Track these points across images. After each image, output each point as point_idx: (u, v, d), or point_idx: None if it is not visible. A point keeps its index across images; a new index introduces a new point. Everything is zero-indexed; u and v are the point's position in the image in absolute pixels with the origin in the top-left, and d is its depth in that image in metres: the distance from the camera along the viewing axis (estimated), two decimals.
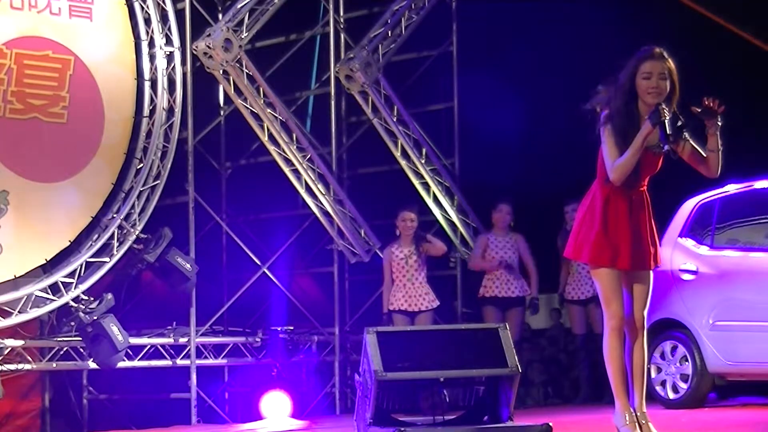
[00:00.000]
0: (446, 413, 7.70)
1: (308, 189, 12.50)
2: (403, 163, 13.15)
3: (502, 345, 7.58)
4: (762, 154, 11.00)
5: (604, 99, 6.67)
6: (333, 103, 13.15)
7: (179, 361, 11.83)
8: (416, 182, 13.18)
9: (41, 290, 10.87)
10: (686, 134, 6.56)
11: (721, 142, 6.51)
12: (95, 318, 10.88)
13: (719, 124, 6.47)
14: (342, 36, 13.32)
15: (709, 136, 6.51)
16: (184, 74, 11.86)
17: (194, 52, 11.94)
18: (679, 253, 10.01)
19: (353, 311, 13.00)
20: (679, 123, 6.52)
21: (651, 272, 6.77)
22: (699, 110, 6.45)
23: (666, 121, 6.46)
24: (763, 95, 12.67)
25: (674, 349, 9.96)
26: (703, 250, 9.99)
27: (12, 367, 10.87)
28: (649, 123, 6.50)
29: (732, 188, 10.00)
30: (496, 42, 13.50)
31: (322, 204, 12.52)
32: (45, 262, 10.99)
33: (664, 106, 6.49)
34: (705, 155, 6.57)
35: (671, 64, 6.59)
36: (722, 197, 10.05)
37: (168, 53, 11.72)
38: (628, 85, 6.61)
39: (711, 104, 6.43)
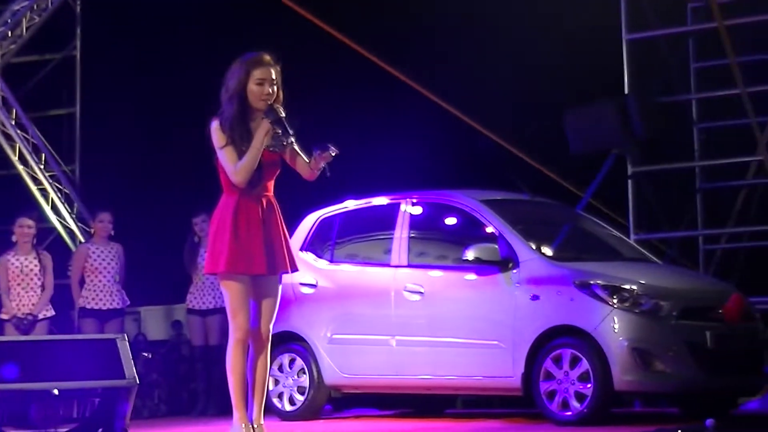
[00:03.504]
0: (59, 426, 7.49)
1: None
2: (20, 168, 12.78)
3: (120, 356, 7.45)
4: (378, 172, 11.33)
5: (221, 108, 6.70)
6: None
7: None
8: (34, 188, 12.83)
9: None
10: (292, 138, 6.69)
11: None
12: None
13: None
14: None
15: (318, 161, 6.64)
16: None
17: None
18: (299, 266, 10.12)
19: None
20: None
21: (280, 285, 6.83)
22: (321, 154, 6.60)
23: (283, 117, 6.61)
24: (380, 114, 13.04)
25: (292, 361, 10.08)
26: (323, 264, 10.17)
27: None
28: (267, 121, 6.60)
29: (351, 204, 10.24)
30: (121, 47, 13.29)
31: None
32: None
33: (276, 105, 6.65)
34: (308, 162, 6.69)
35: (277, 69, 6.70)
36: (342, 213, 10.28)
37: None
38: (239, 89, 6.66)
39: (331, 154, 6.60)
